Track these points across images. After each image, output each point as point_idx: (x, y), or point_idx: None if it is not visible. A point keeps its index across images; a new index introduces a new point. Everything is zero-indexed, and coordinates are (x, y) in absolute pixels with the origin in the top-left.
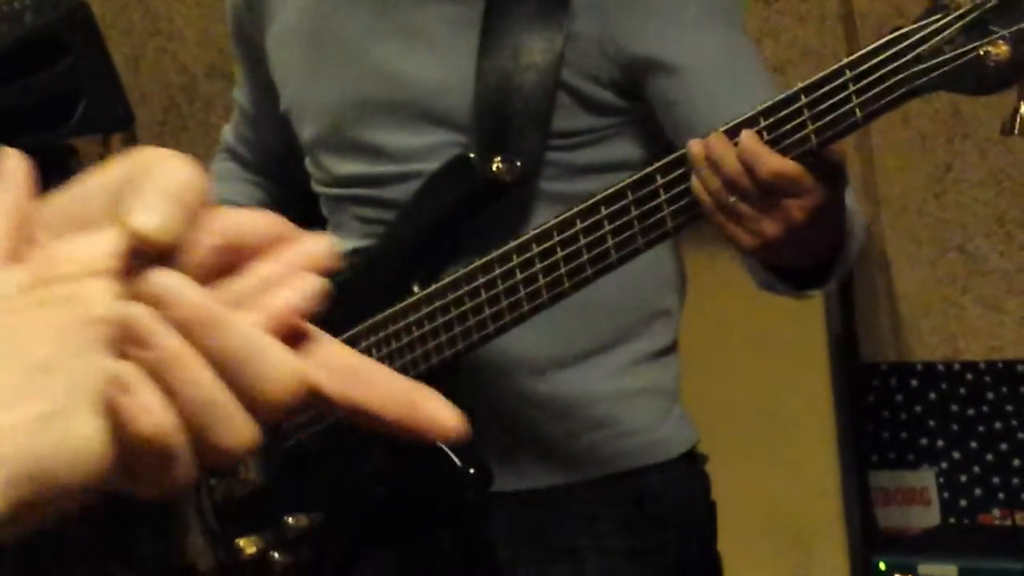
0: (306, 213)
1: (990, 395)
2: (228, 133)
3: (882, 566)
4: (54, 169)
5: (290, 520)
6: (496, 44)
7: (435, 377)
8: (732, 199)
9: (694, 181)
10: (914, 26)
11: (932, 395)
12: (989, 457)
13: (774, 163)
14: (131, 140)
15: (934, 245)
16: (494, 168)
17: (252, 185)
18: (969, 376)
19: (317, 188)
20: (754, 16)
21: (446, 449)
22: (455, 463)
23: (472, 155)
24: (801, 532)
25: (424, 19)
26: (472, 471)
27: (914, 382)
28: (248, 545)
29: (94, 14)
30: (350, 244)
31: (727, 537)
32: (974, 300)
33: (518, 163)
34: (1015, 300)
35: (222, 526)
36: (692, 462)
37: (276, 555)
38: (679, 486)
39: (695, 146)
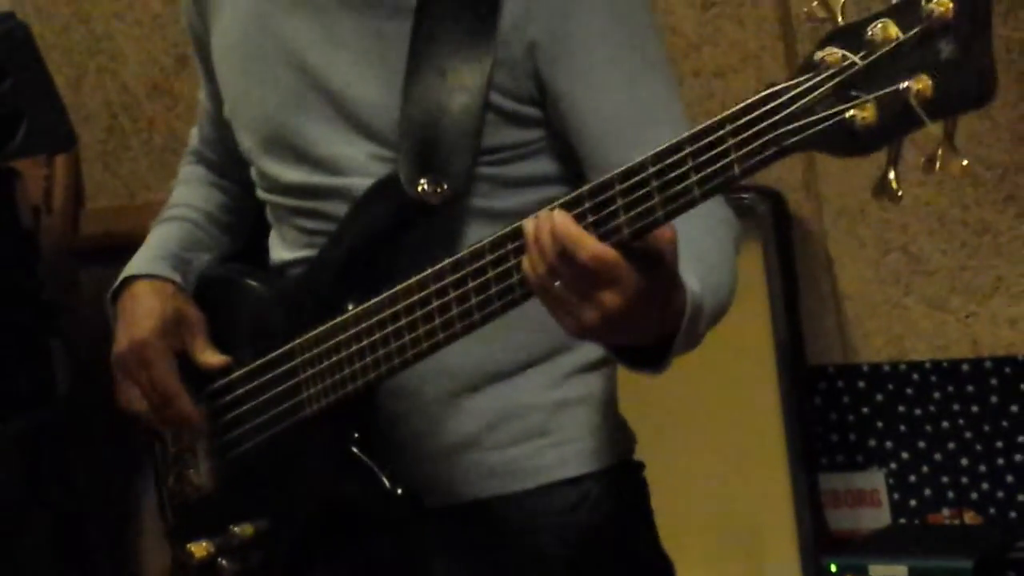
0: (264, 217)
1: (936, 395)
2: (194, 136)
3: (833, 567)
4: None
5: (236, 528)
6: (424, 65)
7: (370, 393)
8: (556, 284)
9: (524, 261)
10: (785, 85)
11: (879, 396)
12: (937, 457)
13: (591, 248)
14: (74, 161)
15: (877, 245)
16: (419, 190)
17: (215, 188)
18: (915, 376)
19: (261, 195)
20: (692, 21)
21: (375, 469)
22: (383, 483)
23: (400, 176)
24: (752, 536)
25: (355, 31)
26: (399, 492)
27: (861, 384)
28: (198, 550)
29: (34, 34)
30: (292, 254)
31: (678, 542)
32: (918, 300)
33: (445, 185)
34: (958, 299)
35: (179, 530)
36: (630, 470)
37: (224, 562)
38: (617, 494)
39: (528, 224)
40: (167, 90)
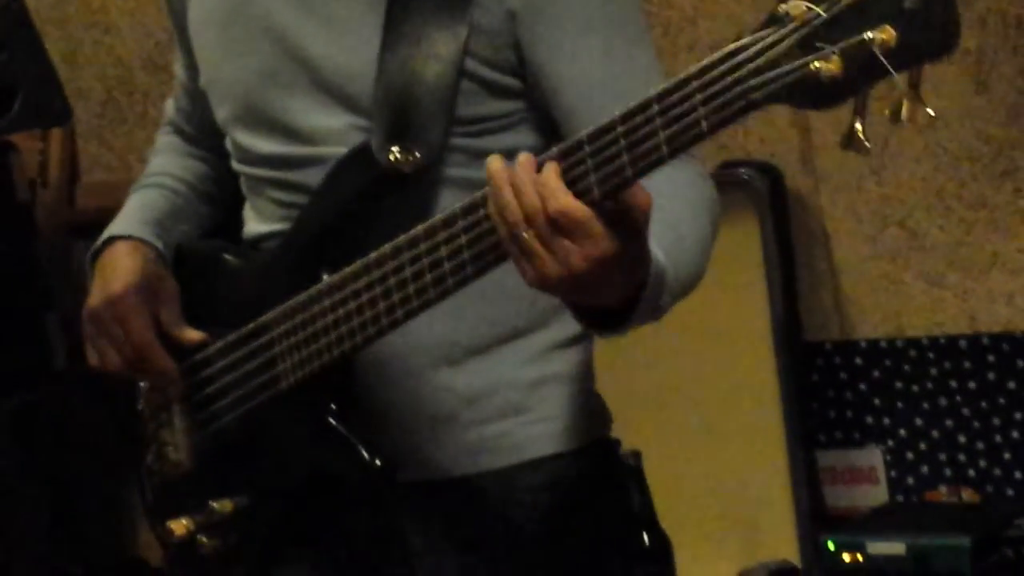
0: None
1: (934, 371)
2: (170, 107)
3: (831, 545)
4: None
5: (215, 505)
6: (399, 34)
7: (348, 362)
8: (526, 232)
9: (491, 204)
10: (751, 38)
11: (876, 373)
12: (935, 434)
13: (563, 201)
14: (70, 134)
15: (874, 221)
16: (391, 158)
17: (194, 159)
18: (912, 353)
19: (236, 167)
20: None
21: (353, 439)
22: (361, 454)
23: (372, 144)
24: (749, 513)
25: (332, 1)
26: (378, 462)
27: (858, 360)
28: (178, 527)
29: (28, 8)
30: (267, 227)
31: (676, 520)
32: (915, 276)
33: (416, 153)
34: (956, 275)
35: (158, 507)
36: (607, 447)
37: (203, 538)
38: (595, 472)
39: (504, 170)
40: (162, 63)
